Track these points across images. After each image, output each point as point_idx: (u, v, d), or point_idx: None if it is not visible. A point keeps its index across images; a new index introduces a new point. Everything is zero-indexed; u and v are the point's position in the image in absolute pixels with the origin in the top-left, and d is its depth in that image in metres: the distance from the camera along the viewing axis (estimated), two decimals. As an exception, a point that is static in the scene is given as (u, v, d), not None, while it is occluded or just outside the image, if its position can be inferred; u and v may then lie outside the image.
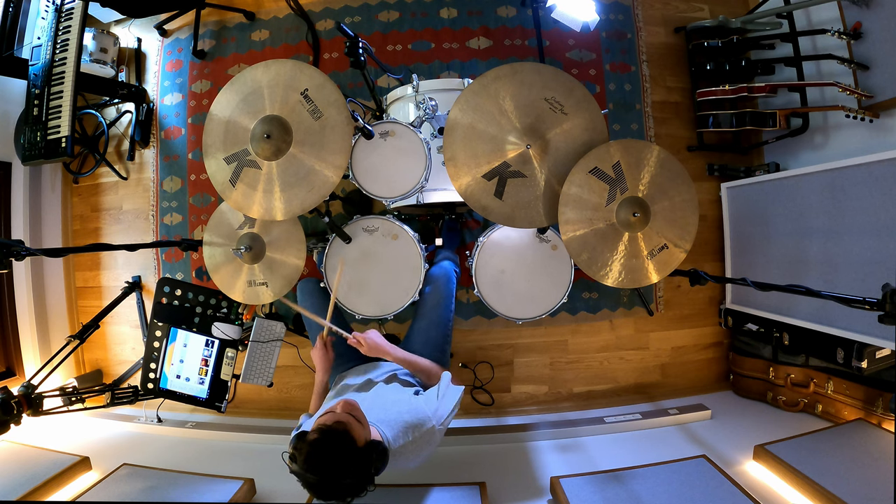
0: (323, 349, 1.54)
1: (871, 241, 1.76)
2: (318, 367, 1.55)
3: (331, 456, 1.00)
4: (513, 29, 2.63)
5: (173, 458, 2.05)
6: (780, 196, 2.18)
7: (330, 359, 1.56)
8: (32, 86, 2.18)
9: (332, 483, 1.01)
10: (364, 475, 1.04)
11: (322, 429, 1.01)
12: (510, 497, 1.71)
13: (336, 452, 1.00)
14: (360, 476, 1.03)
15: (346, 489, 1.03)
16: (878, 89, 1.93)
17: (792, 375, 2.17)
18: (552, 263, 1.68)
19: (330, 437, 1.00)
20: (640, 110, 2.62)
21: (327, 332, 1.55)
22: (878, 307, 1.05)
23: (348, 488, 1.03)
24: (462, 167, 1.44)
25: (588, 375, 2.54)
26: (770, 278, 1.68)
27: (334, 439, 1.00)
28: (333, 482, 1.01)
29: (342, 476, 1.01)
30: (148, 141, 2.76)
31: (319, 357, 1.54)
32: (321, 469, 1.00)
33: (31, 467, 1.89)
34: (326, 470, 1.00)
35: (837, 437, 1.80)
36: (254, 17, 2.73)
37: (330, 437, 1.00)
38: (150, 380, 1.90)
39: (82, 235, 2.85)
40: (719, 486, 1.58)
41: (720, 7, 2.66)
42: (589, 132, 1.42)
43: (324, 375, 1.55)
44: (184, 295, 1.91)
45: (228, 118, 1.46)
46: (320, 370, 1.54)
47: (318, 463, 1.00)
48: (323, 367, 1.54)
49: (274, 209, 1.46)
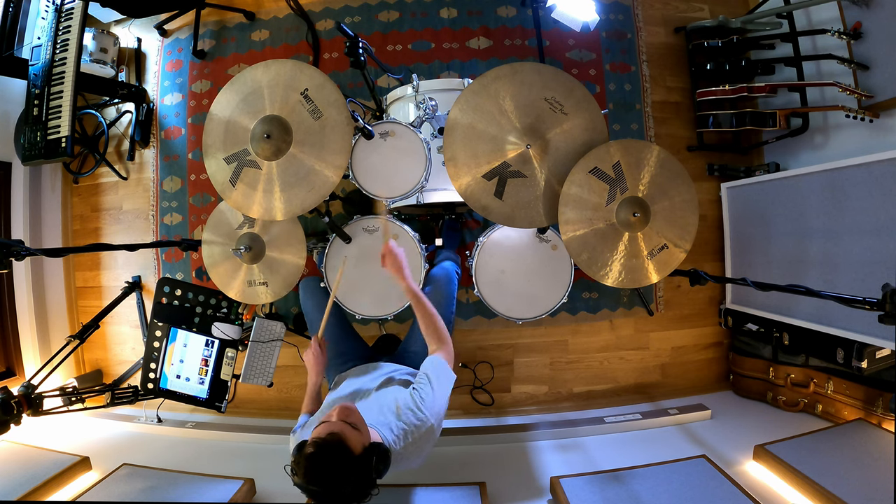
0: (317, 351, 1.52)
1: (871, 241, 1.76)
2: (311, 370, 1.52)
3: (328, 468, 1.02)
4: (513, 29, 2.63)
5: (173, 458, 2.05)
6: (780, 196, 2.18)
7: (324, 361, 1.54)
8: (32, 86, 2.18)
9: (334, 493, 1.04)
10: (364, 481, 1.06)
11: (317, 442, 1.03)
12: (510, 497, 1.71)
13: (333, 464, 1.02)
14: (360, 482, 1.06)
15: (350, 496, 1.06)
16: (878, 89, 1.93)
17: (792, 375, 2.17)
18: (552, 263, 1.68)
19: (325, 450, 1.02)
20: (640, 110, 2.62)
21: (322, 334, 1.53)
22: (878, 307, 1.06)
23: (350, 496, 1.06)
24: (462, 167, 1.44)
25: (588, 375, 2.54)
26: (770, 278, 1.67)
27: (330, 452, 1.02)
28: (335, 492, 1.03)
29: (342, 485, 1.03)
30: (148, 141, 2.76)
31: (313, 359, 1.52)
32: (321, 481, 1.02)
33: (31, 467, 1.89)
34: (326, 482, 1.02)
35: (837, 437, 1.80)
36: (254, 17, 2.73)
37: (325, 450, 1.02)
38: (150, 380, 1.90)
39: (82, 235, 2.85)
40: (719, 486, 1.58)
41: (720, 7, 2.66)
42: (589, 132, 1.42)
43: (317, 377, 1.53)
44: (184, 295, 1.91)
45: (228, 118, 1.46)
46: (313, 372, 1.52)
47: (317, 476, 1.02)
48: (316, 369, 1.52)
49: (274, 209, 1.46)
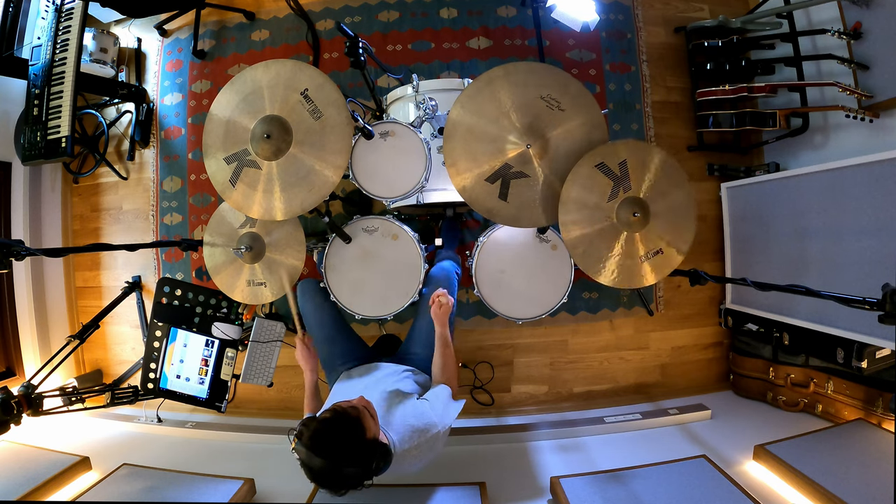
0: (304, 349, 1.56)
1: (871, 241, 1.76)
2: (305, 367, 1.57)
3: (339, 437, 0.98)
4: (513, 29, 2.63)
5: (173, 458, 2.05)
6: (780, 196, 2.18)
7: (314, 357, 1.58)
8: (32, 86, 2.18)
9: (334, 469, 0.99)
10: (366, 468, 1.03)
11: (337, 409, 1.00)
12: (510, 497, 1.71)
13: (345, 435, 0.98)
14: (362, 467, 1.02)
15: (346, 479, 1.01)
16: (878, 89, 1.93)
17: (792, 375, 2.17)
18: (552, 263, 1.68)
19: (343, 418, 0.99)
20: (640, 110, 2.62)
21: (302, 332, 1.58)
22: (878, 307, 1.05)
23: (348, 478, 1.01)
24: (463, 168, 1.44)
25: (588, 375, 2.54)
26: (770, 278, 1.67)
27: (346, 422, 0.99)
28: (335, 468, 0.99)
29: (346, 463, 0.99)
30: (148, 141, 2.76)
31: (303, 357, 1.56)
32: (326, 449, 0.98)
33: (31, 467, 1.89)
34: (331, 452, 0.98)
35: (837, 437, 1.80)
36: (254, 17, 2.73)
37: (343, 418, 0.99)
38: (150, 380, 1.90)
39: (82, 235, 2.85)
40: (719, 486, 1.58)
41: (720, 7, 2.66)
42: (587, 126, 1.42)
43: (311, 374, 1.56)
44: (184, 295, 1.91)
45: (228, 118, 1.45)
46: (307, 369, 1.56)
47: (325, 442, 0.98)
48: (309, 366, 1.56)
49: (274, 209, 1.46)
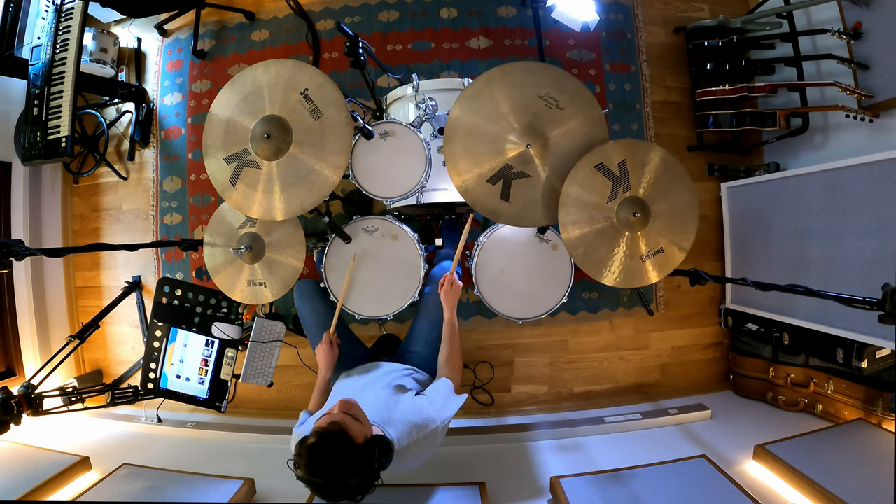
0: (328, 346, 1.55)
1: (871, 241, 1.76)
2: (322, 364, 1.55)
3: (331, 458, 1.01)
4: (513, 29, 2.63)
5: (173, 458, 2.05)
6: (780, 196, 2.18)
7: (335, 356, 1.56)
8: (32, 86, 2.18)
9: (338, 484, 1.02)
10: (368, 472, 1.05)
11: (319, 432, 1.02)
12: (510, 497, 1.71)
13: (335, 454, 1.01)
14: (364, 473, 1.04)
15: (354, 488, 1.04)
16: (878, 89, 1.93)
17: (792, 375, 2.17)
18: (552, 263, 1.68)
19: (327, 439, 1.01)
20: (640, 110, 2.62)
21: (333, 330, 1.57)
22: (878, 307, 1.05)
23: (355, 487, 1.04)
24: (463, 168, 1.44)
25: (588, 375, 2.54)
26: (770, 278, 1.67)
27: (332, 441, 1.01)
28: (339, 483, 1.02)
29: (347, 476, 1.02)
30: (148, 141, 2.76)
31: (324, 354, 1.55)
32: (324, 472, 1.01)
33: (31, 467, 1.89)
34: (329, 472, 1.01)
35: (837, 437, 1.80)
36: (254, 17, 2.73)
37: (327, 439, 1.01)
38: (150, 380, 1.90)
39: (82, 235, 2.84)
40: (719, 486, 1.58)
41: (720, 7, 2.66)
42: (587, 124, 1.41)
43: (327, 372, 1.55)
44: (184, 295, 1.91)
45: (228, 118, 1.45)
46: (324, 367, 1.55)
47: (320, 466, 1.01)
48: (327, 363, 1.55)
49: (274, 209, 1.46)
